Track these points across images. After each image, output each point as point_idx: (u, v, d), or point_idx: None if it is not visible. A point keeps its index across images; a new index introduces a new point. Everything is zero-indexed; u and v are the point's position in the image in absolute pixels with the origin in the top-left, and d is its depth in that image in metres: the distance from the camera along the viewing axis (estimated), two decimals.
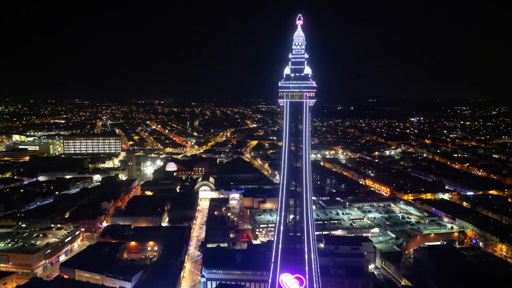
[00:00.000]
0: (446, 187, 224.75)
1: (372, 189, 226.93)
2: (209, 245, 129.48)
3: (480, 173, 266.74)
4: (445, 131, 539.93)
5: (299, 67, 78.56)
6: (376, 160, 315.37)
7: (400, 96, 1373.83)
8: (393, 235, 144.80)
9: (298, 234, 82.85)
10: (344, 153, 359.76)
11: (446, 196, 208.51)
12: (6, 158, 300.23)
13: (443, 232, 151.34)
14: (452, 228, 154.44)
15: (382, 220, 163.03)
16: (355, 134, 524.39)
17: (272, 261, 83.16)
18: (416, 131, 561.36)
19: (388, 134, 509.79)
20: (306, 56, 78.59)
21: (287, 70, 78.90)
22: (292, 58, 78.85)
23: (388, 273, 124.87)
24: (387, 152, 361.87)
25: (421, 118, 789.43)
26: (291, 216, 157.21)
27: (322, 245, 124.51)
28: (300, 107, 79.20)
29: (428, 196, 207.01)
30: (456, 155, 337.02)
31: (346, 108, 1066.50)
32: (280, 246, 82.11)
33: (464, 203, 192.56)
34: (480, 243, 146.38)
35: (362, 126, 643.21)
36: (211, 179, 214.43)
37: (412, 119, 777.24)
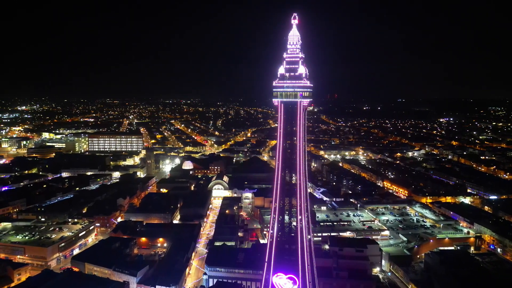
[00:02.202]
0: (468, 191, 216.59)
1: (390, 191, 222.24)
2: (216, 243, 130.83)
3: (507, 177, 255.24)
4: (474, 133, 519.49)
5: (293, 66, 78.02)
6: (398, 162, 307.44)
7: (431, 96, 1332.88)
8: (405, 239, 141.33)
9: (293, 234, 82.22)
10: (365, 154, 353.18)
11: (467, 200, 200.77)
12: (34, 155, 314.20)
13: (459, 236, 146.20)
14: (468, 233, 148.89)
15: (395, 223, 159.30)
16: (379, 134, 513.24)
17: (266, 260, 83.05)
18: (443, 132, 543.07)
19: (413, 135, 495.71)
20: (300, 55, 77.95)
21: (281, 70, 78.53)
22: (287, 57, 78.40)
23: (396, 277, 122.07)
24: (410, 154, 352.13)
25: (451, 119, 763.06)
26: (300, 217, 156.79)
27: (327, 247, 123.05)
28: (295, 106, 78.62)
29: (448, 199, 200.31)
30: (484, 157, 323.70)
31: (373, 108, 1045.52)
32: (274, 246, 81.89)
33: (486, 207, 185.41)
34: (498, 249, 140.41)
35: (387, 126, 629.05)
36: (226, 178, 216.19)
37: (441, 120, 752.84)
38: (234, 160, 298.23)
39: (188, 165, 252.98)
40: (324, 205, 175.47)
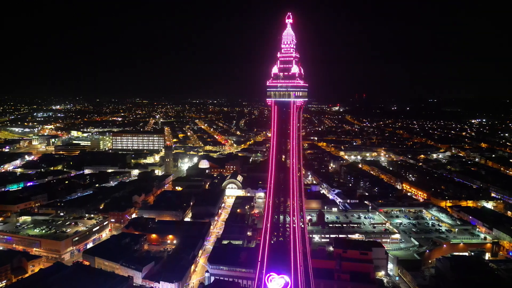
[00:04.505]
0: (493, 195, 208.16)
1: (408, 193, 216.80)
2: (224, 242, 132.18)
3: None
4: (507, 134, 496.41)
5: (287, 66, 77.55)
6: (420, 164, 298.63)
7: (465, 96, 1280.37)
8: (416, 243, 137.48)
9: (287, 234, 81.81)
10: (387, 155, 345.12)
11: (490, 205, 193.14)
12: (61, 152, 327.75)
13: (475, 242, 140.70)
14: (485, 238, 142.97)
15: (409, 226, 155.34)
16: (403, 135, 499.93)
17: (259, 260, 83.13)
18: (473, 133, 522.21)
19: (440, 136, 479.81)
20: (294, 55, 77.33)
21: (275, 69, 78.21)
22: (281, 57, 77.97)
23: (403, 281, 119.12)
24: (435, 155, 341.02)
25: (483, 120, 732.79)
26: (309, 217, 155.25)
27: (331, 248, 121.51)
28: (288, 106, 78.23)
29: (469, 203, 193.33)
30: None
31: (401, 109, 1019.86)
32: (266, 245, 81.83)
33: (509, 213, 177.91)
34: None
35: (413, 127, 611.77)
36: (240, 177, 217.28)
37: (473, 121, 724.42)
38: (250, 160, 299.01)
39: (204, 164, 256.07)
40: (335, 206, 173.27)
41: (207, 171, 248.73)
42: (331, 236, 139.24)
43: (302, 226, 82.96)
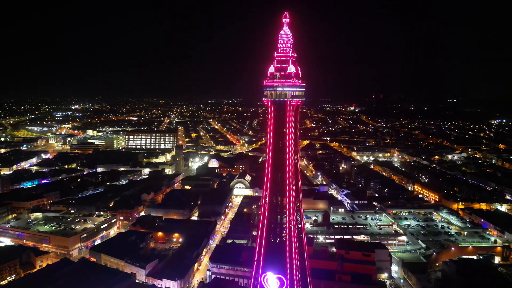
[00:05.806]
0: (507, 197, 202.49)
1: (420, 195, 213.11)
2: (228, 241, 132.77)
3: None
4: None
5: (284, 65, 77.34)
6: (434, 165, 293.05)
7: (486, 96, 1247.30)
8: (423, 245, 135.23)
9: (283, 234, 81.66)
10: (400, 156, 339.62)
11: (504, 207, 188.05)
12: (76, 151, 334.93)
13: (484, 245, 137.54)
14: (495, 242, 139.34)
15: (417, 228, 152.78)
16: (418, 136, 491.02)
17: (255, 259, 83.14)
18: (491, 134, 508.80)
19: (457, 137, 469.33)
20: (290, 54, 76.98)
21: (271, 69, 78.04)
22: (277, 56, 77.73)
23: (408, 284, 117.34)
24: (450, 157, 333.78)
25: (503, 121, 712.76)
26: (314, 218, 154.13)
27: (334, 249, 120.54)
28: (284, 106, 77.96)
29: (482, 206, 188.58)
30: None
31: (419, 109, 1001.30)
32: (263, 245, 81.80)
33: None
34: None
35: (430, 128, 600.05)
36: (248, 177, 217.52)
37: (492, 121, 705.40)
38: (260, 160, 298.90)
39: (214, 164, 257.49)
40: (342, 207, 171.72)
41: (216, 170, 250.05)
42: (336, 237, 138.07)
43: (299, 226, 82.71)
